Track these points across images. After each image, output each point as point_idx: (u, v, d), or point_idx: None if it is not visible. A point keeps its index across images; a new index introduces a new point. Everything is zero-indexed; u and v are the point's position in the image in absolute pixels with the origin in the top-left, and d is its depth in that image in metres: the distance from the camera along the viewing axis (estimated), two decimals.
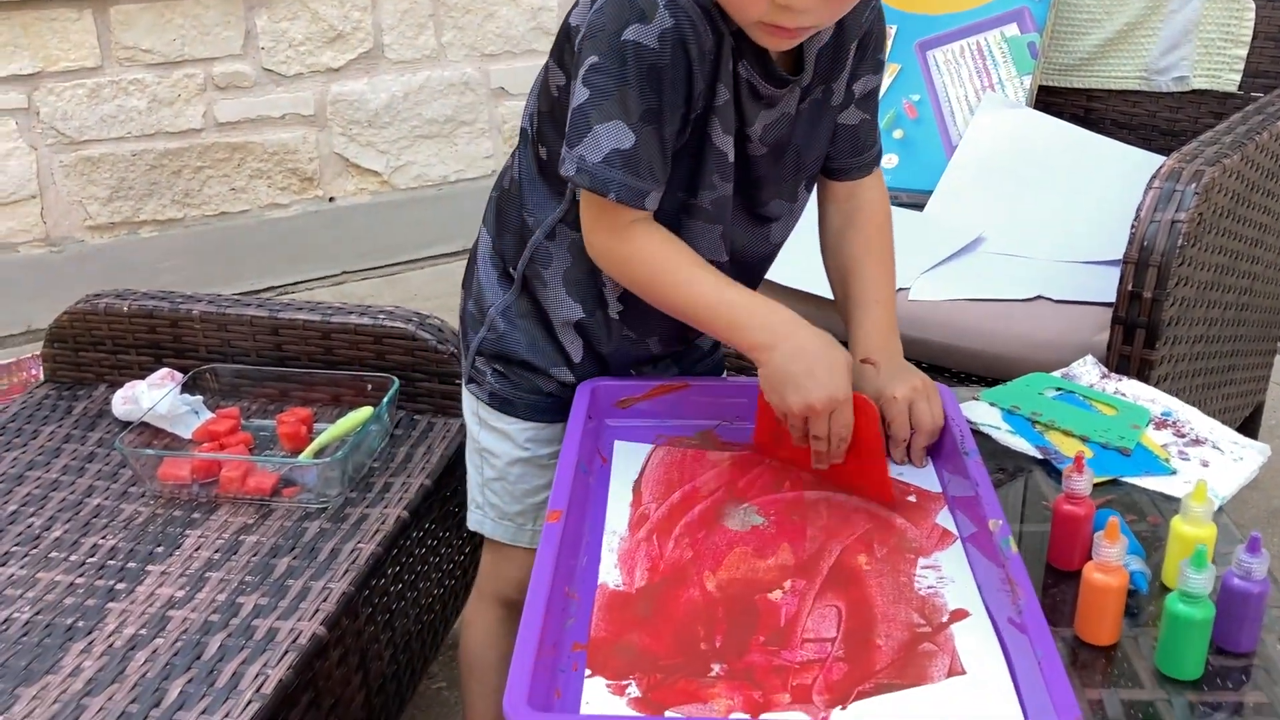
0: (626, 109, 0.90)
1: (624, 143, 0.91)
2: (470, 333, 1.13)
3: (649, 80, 0.90)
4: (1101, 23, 1.91)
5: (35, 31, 2.52)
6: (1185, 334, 1.38)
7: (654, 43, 0.89)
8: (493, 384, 1.12)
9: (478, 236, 1.15)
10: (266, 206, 2.88)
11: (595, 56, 0.90)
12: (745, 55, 0.94)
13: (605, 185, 0.92)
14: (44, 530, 1.26)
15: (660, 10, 0.88)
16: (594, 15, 0.91)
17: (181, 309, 1.52)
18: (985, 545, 0.88)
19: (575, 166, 0.92)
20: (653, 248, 0.97)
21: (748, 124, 0.98)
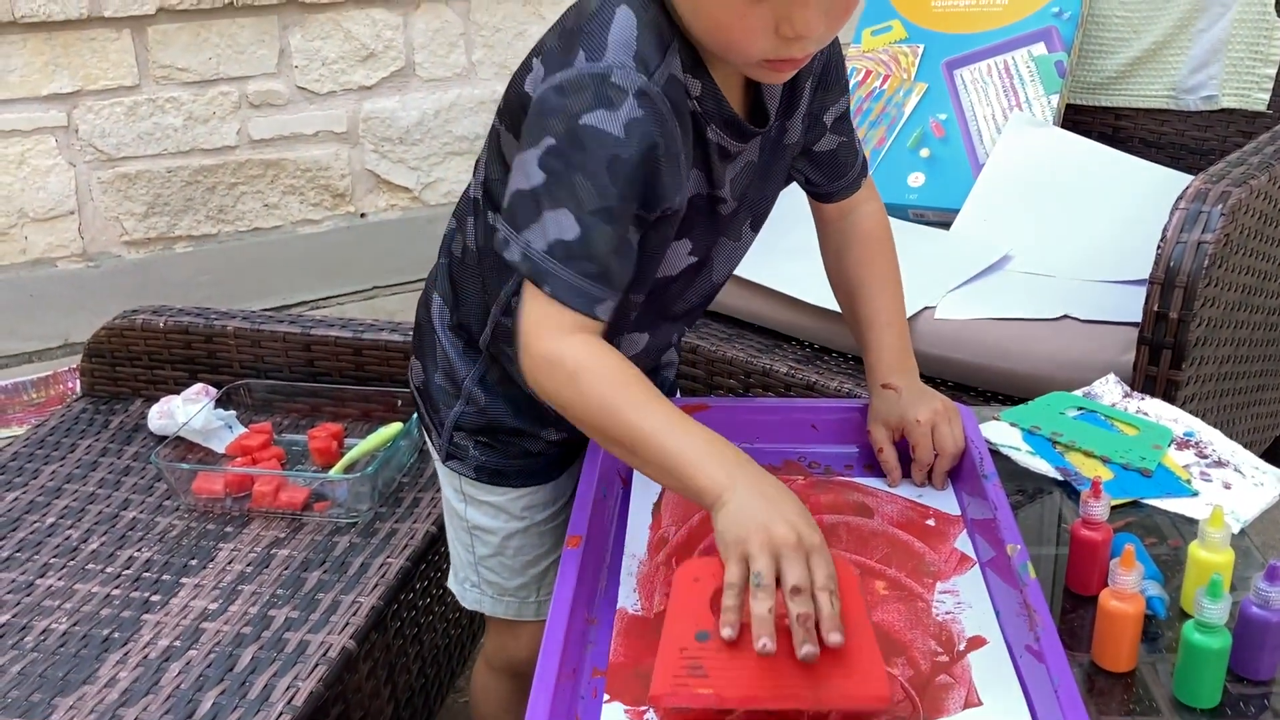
0: (578, 200, 0.81)
1: (568, 234, 0.81)
2: (443, 408, 1.05)
3: (609, 172, 0.81)
4: (1129, 42, 1.91)
5: (75, 51, 2.57)
6: (1212, 354, 1.38)
7: (618, 131, 0.80)
8: (478, 457, 1.05)
9: (427, 303, 1.07)
10: (299, 222, 2.92)
11: (551, 139, 0.81)
12: (712, 120, 0.89)
13: (542, 278, 0.82)
14: (81, 542, 1.29)
15: (628, 100, 0.80)
16: (552, 93, 0.82)
17: (216, 325, 1.55)
18: (1003, 570, 0.88)
19: (520, 253, 0.83)
20: (598, 366, 0.83)
21: (718, 187, 0.93)
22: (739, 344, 1.69)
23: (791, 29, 0.79)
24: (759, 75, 0.87)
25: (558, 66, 0.82)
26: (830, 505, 0.99)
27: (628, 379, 0.83)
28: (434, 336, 1.06)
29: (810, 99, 0.99)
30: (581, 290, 0.82)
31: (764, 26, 0.80)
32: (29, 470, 1.44)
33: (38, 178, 2.61)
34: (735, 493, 0.78)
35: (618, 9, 0.83)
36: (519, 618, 1.12)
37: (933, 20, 1.98)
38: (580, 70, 0.81)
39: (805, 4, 0.78)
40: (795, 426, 1.09)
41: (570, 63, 0.82)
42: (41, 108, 2.57)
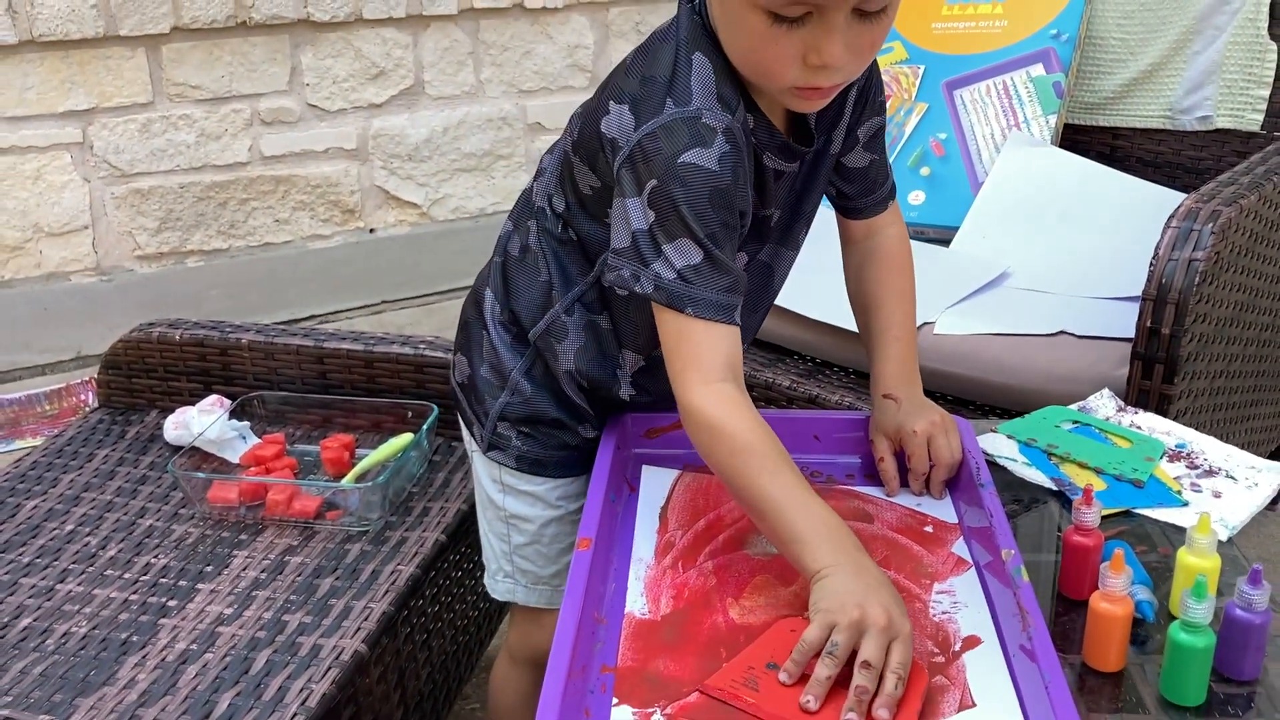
0: (690, 229, 0.90)
1: (693, 259, 0.91)
2: (489, 399, 1.12)
3: (710, 202, 0.90)
4: (1126, 63, 1.95)
5: (91, 70, 2.62)
6: (1205, 369, 1.41)
7: (714, 165, 0.90)
8: (519, 447, 1.11)
9: (478, 300, 1.14)
10: (309, 237, 2.96)
11: (655, 180, 0.90)
12: (766, 149, 0.97)
13: (684, 302, 0.91)
14: (99, 549, 1.32)
15: (718, 138, 0.90)
16: (647, 140, 0.91)
17: (231, 338, 1.58)
18: (998, 573, 0.91)
19: (653, 285, 0.92)
20: (744, 424, 0.91)
21: (768, 205, 1.01)
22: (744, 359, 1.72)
23: (818, 58, 0.86)
24: (791, 103, 0.94)
25: (648, 115, 0.92)
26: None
27: (764, 444, 0.90)
28: (482, 331, 1.12)
29: (851, 114, 1.06)
30: (719, 304, 0.92)
31: (793, 55, 0.87)
32: (48, 479, 1.47)
33: (53, 193, 2.65)
34: (839, 570, 0.83)
35: (694, 56, 0.93)
36: (551, 605, 1.16)
37: (933, 42, 2.02)
38: (671, 115, 0.91)
39: (829, 35, 0.85)
40: (798, 437, 1.12)
41: (660, 110, 0.91)
42: (57, 124, 2.62)
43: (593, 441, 1.11)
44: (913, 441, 1.04)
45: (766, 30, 0.85)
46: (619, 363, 1.08)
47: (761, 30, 0.86)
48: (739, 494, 0.92)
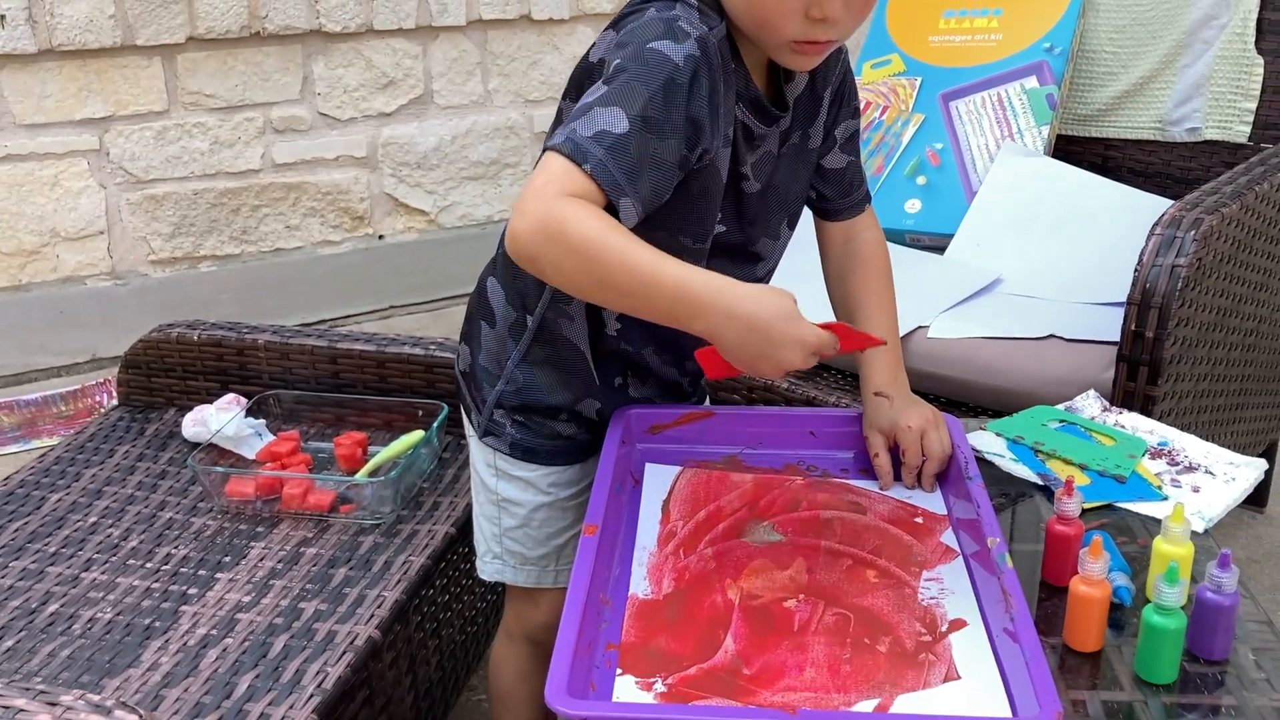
0: (631, 103, 0.90)
1: (616, 127, 0.89)
2: (486, 387, 1.15)
3: (663, 90, 0.91)
4: (1118, 76, 2.00)
5: (108, 78, 2.67)
6: (1189, 371, 1.46)
7: (678, 58, 0.92)
8: (513, 434, 1.15)
9: (482, 291, 1.17)
10: (319, 243, 3.01)
11: (619, 59, 0.93)
12: (741, 100, 1.00)
13: (583, 156, 0.89)
14: (121, 540, 1.37)
15: (692, 40, 0.93)
16: (624, 34, 0.95)
17: (247, 339, 1.64)
18: (984, 561, 0.96)
19: (564, 137, 0.90)
20: (593, 218, 0.89)
21: (741, 164, 1.04)
22: None
23: (820, 11, 0.92)
24: (786, 59, 0.99)
25: (630, 20, 0.97)
26: (826, 503, 1.07)
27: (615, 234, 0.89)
28: (482, 321, 1.16)
29: (827, 111, 1.11)
30: (612, 177, 0.89)
31: (796, 8, 0.92)
32: (71, 473, 1.52)
33: (70, 199, 2.71)
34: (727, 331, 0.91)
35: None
36: (537, 585, 1.21)
37: (930, 55, 2.07)
38: (651, 15, 0.95)
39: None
40: (795, 433, 1.17)
41: (643, 14, 0.96)
42: (75, 132, 2.68)
43: (582, 432, 1.16)
44: (906, 436, 1.09)
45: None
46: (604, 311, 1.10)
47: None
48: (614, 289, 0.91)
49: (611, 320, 1.11)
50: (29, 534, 1.38)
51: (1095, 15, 2.01)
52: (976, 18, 2.06)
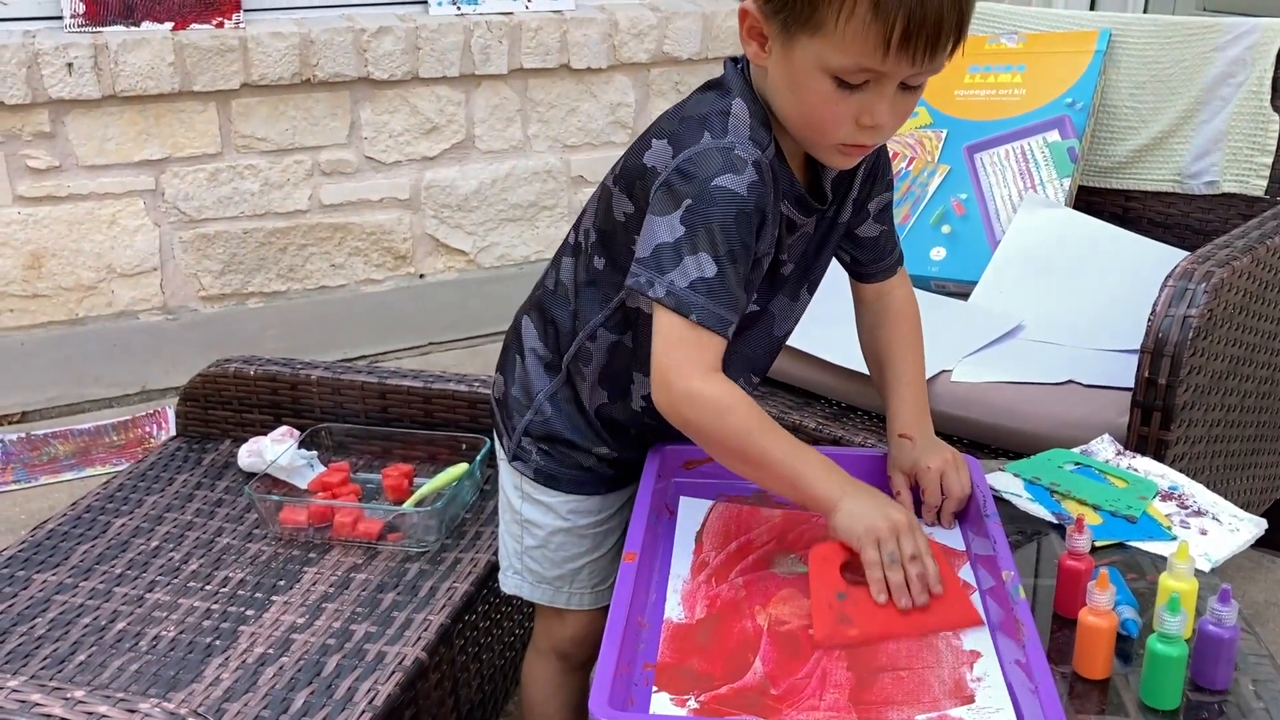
0: (714, 245, 1.02)
1: (708, 272, 1.02)
2: (516, 415, 1.24)
3: (736, 223, 1.02)
4: (1138, 130, 2.07)
5: (165, 122, 2.79)
6: (1201, 418, 1.51)
7: (743, 191, 1.02)
8: (538, 461, 1.23)
9: (517, 328, 1.27)
10: (362, 281, 3.11)
11: (690, 200, 1.02)
12: (785, 198, 1.09)
13: (689, 308, 1.02)
14: (182, 563, 1.45)
15: (749, 168, 1.03)
16: (685, 164, 1.03)
17: (301, 374, 1.72)
18: (999, 595, 1.02)
19: (665, 290, 1.02)
20: (736, 396, 1.04)
21: (782, 252, 1.13)
22: (772, 401, 1.84)
23: (870, 119, 1.01)
24: (832, 158, 1.08)
25: (686, 145, 1.05)
26: None
27: (757, 414, 1.05)
28: (517, 356, 1.26)
29: (859, 189, 1.19)
30: (720, 318, 1.03)
31: (848, 115, 1.01)
32: (133, 500, 1.61)
33: (126, 236, 2.83)
34: (843, 500, 1.04)
35: (734, 102, 1.07)
36: (551, 604, 1.29)
37: (956, 108, 2.15)
38: (708, 145, 1.04)
39: (881, 101, 1.00)
40: None
41: (698, 141, 1.04)
42: (133, 173, 2.80)
43: (606, 464, 1.24)
44: (927, 476, 1.16)
45: (831, 93, 0.99)
46: (633, 379, 1.19)
47: (826, 92, 0.99)
48: (746, 459, 1.06)
49: (638, 396, 1.19)
50: (96, 556, 1.47)
51: (1116, 72, 2.08)
52: (1001, 73, 2.14)
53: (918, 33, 0.95)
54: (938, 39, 0.97)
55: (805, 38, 0.98)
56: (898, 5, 0.94)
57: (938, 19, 0.96)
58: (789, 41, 1.00)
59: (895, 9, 0.94)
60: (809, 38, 0.98)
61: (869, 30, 0.95)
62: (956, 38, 0.99)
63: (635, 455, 1.22)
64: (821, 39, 0.97)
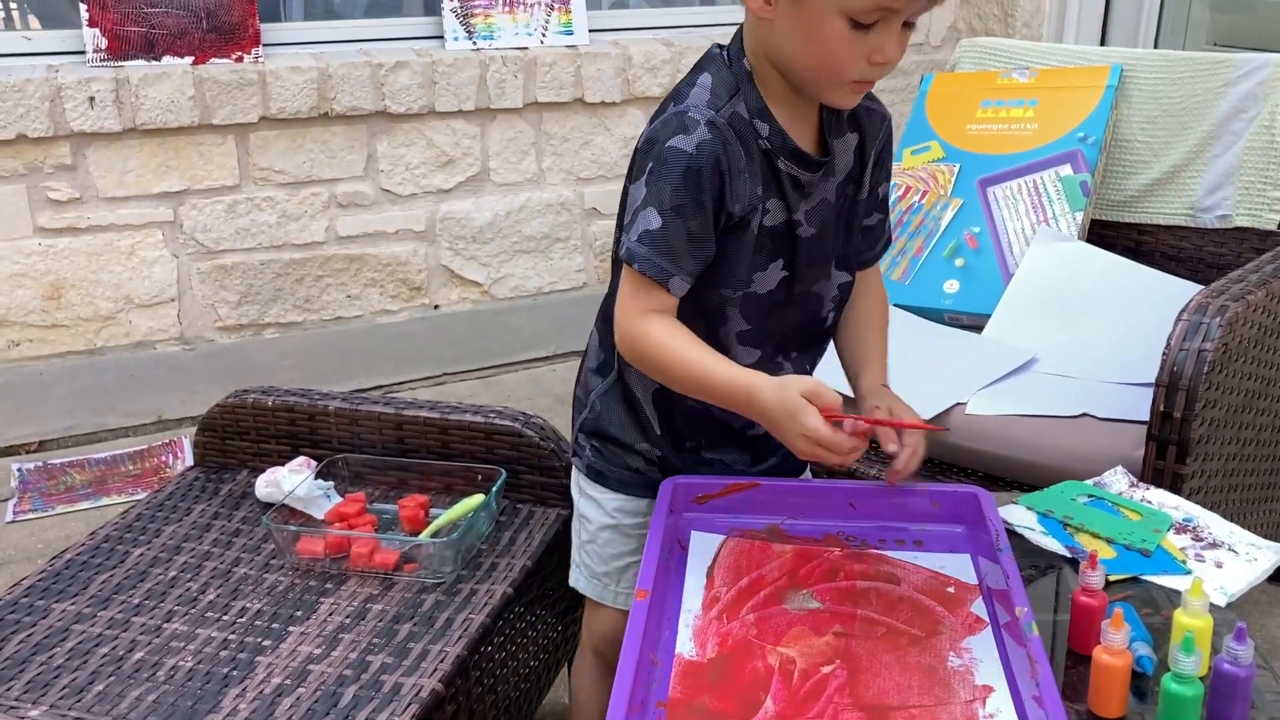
0: (661, 200, 1.10)
1: (653, 225, 1.11)
2: (576, 414, 1.35)
3: (684, 179, 1.10)
4: (1150, 164, 2.08)
5: (185, 155, 2.83)
6: (1217, 451, 1.51)
7: (691, 148, 1.09)
8: (590, 458, 1.33)
9: (589, 338, 1.37)
10: (377, 312, 3.14)
11: (651, 161, 1.11)
12: (781, 155, 1.15)
13: (633, 258, 1.12)
14: (200, 593, 1.46)
15: (700, 126, 1.10)
16: (651, 133, 1.13)
17: (319, 405, 1.74)
18: (1013, 630, 1.02)
19: (625, 248, 1.13)
20: (662, 333, 1.14)
21: (794, 211, 1.18)
22: None
23: (882, 56, 1.07)
24: (839, 98, 1.13)
25: (656, 117, 1.15)
26: (863, 574, 1.14)
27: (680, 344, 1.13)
28: (584, 360, 1.36)
29: (872, 170, 1.25)
30: (658, 266, 1.11)
31: (861, 54, 1.07)
32: (151, 530, 1.62)
33: (144, 268, 2.86)
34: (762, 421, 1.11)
35: (700, 75, 1.15)
36: (599, 599, 1.37)
37: (968, 142, 2.17)
38: (669, 113, 1.13)
39: (890, 38, 1.07)
40: (835, 505, 1.24)
41: (664, 111, 1.14)
42: (152, 204, 2.83)
43: (651, 465, 1.30)
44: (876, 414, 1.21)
45: (846, 33, 1.06)
46: None
47: (841, 33, 1.06)
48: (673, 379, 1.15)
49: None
50: (114, 586, 1.48)
51: (1128, 106, 2.10)
52: (1013, 108, 2.16)
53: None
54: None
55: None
56: None
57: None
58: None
59: None
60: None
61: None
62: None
63: (677, 455, 1.29)
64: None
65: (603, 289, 1.34)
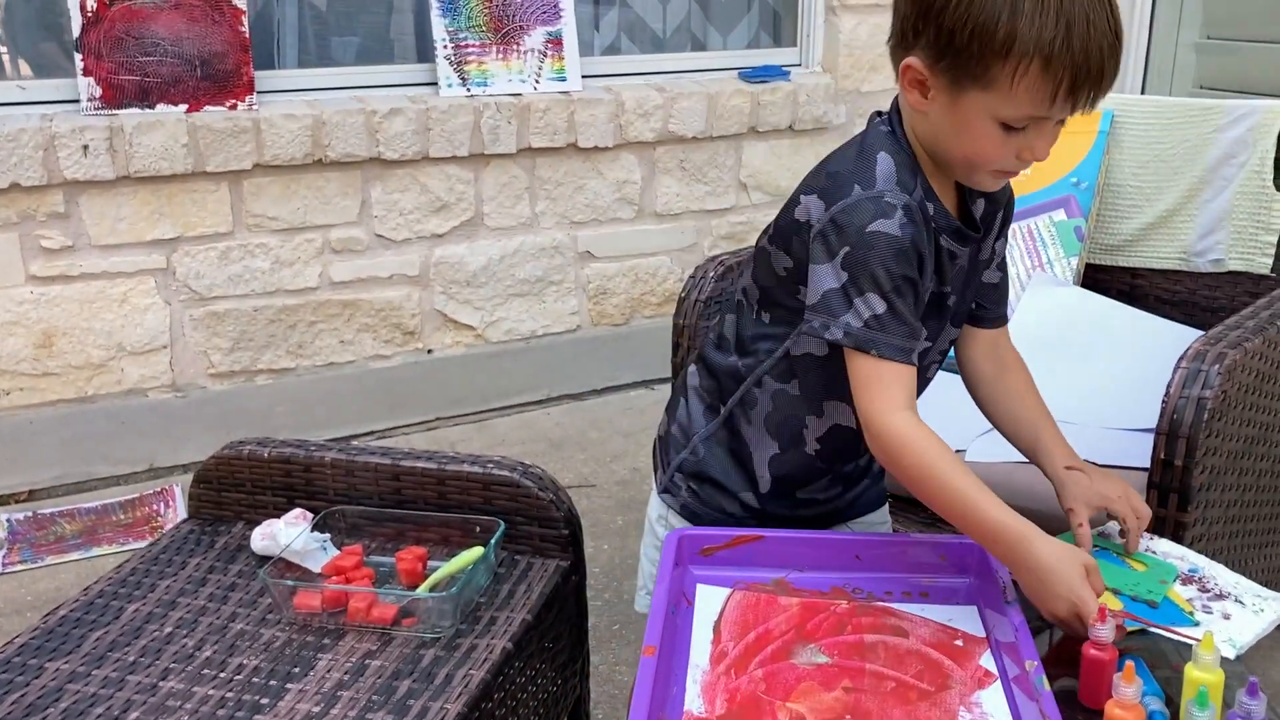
0: (878, 284, 1.12)
1: (878, 309, 1.12)
2: (673, 452, 1.37)
3: (895, 260, 1.12)
4: (1143, 209, 2.09)
5: (178, 202, 2.83)
6: (1219, 499, 1.51)
7: (897, 231, 1.12)
8: (685, 498, 1.35)
9: (684, 375, 1.39)
10: (371, 357, 3.13)
11: (848, 247, 1.12)
12: (943, 232, 1.18)
13: (870, 345, 1.12)
14: (196, 650, 1.44)
15: (899, 211, 1.12)
16: (839, 215, 1.13)
17: (315, 456, 1.72)
18: (1023, 684, 1.01)
19: (843, 331, 1.13)
20: (924, 441, 1.12)
21: (945, 284, 1.22)
22: None
23: (1032, 155, 1.12)
24: (983, 182, 1.18)
25: (837, 198, 1.14)
26: (871, 627, 1.13)
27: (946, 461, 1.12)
28: (681, 399, 1.38)
29: (998, 231, 1.29)
30: (899, 348, 1.13)
31: (1011, 151, 1.11)
32: (146, 584, 1.60)
33: (136, 315, 2.85)
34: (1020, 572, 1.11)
35: (879, 154, 1.16)
36: None
37: None
38: (859, 196, 1.13)
39: (1043, 138, 1.11)
40: (842, 557, 1.23)
41: (849, 194, 1.14)
42: (145, 252, 2.83)
43: (750, 512, 1.31)
44: (1118, 505, 1.24)
45: (998, 135, 1.09)
46: (804, 424, 1.27)
47: (993, 135, 1.09)
48: (930, 497, 1.13)
49: (812, 442, 1.28)
50: (109, 643, 1.46)
51: (1119, 152, 2.11)
52: None
53: (1083, 84, 1.05)
54: (1100, 88, 1.07)
55: (976, 91, 1.08)
56: (1067, 62, 1.04)
57: (1099, 70, 1.05)
58: (958, 93, 1.09)
59: (1064, 67, 1.04)
60: (980, 91, 1.08)
61: (1039, 87, 1.05)
62: (1113, 80, 1.08)
63: (779, 509, 1.31)
64: (993, 93, 1.07)
65: (596, 332, 1.36)
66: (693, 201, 3.38)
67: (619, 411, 3.18)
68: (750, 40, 3.63)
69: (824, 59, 3.53)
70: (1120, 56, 1.07)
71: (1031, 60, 1.04)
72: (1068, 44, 1.03)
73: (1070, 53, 1.04)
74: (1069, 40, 1.03)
